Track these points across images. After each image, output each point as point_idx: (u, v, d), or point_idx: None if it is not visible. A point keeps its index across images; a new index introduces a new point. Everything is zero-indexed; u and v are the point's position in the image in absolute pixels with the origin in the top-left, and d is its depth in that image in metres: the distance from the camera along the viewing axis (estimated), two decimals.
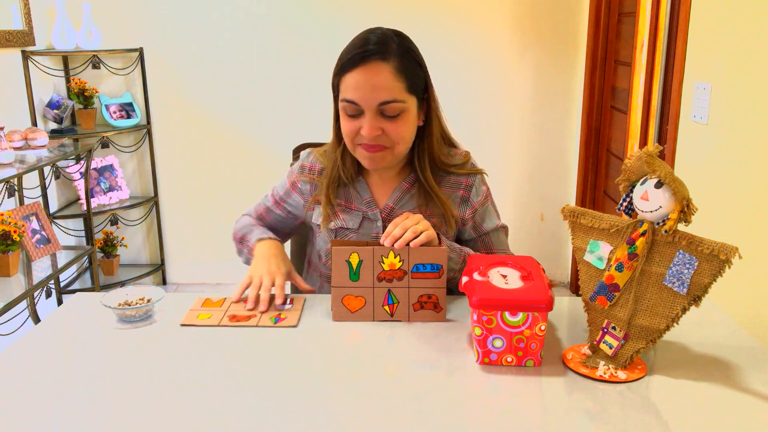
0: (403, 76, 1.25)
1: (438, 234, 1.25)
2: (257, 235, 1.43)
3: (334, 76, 1.30)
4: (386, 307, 1.21)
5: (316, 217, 1.40)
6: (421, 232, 1.18)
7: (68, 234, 3.24)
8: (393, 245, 1.18)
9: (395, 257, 1.20)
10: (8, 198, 2.56)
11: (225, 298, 1.31)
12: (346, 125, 1.29)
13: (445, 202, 1.35)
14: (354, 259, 1.21)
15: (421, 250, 1.19)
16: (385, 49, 1.24)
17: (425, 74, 1.32)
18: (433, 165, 1.37)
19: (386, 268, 1.20)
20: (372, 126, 1.25)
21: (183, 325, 1.21)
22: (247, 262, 1.45)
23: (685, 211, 0.97)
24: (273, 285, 1.29)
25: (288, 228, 1.53)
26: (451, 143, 1.44)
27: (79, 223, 3.33)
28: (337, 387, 1.00)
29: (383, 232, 1.27)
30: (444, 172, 1.39)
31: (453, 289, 1.39)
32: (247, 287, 1.30)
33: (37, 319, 2.75)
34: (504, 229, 1.46)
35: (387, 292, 1.21)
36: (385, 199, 1.39)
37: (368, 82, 1.23)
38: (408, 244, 1.18)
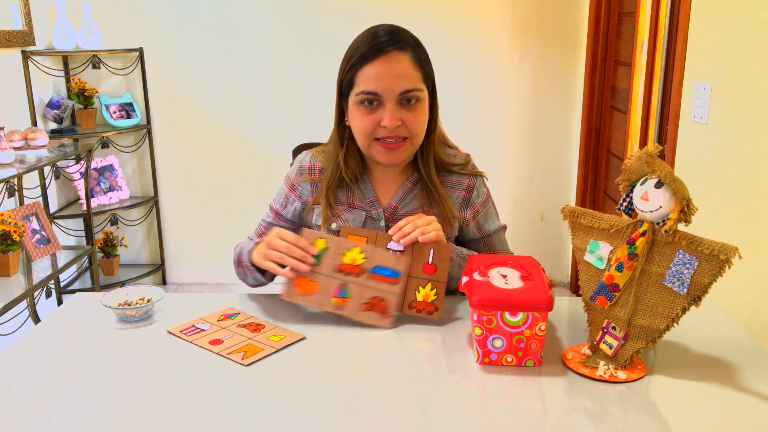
0: (420, 66, 1.28)
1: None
2: (250, 246, 1.35)
3: (347, 72, 1.29)
4: (334, 300, 1.20)
5: (316, 218, 1.39)
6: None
7: (68, 234, 3.24)
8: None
9: (360, 253, 1.21)
10: (8, 198, 2.56)
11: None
12: (362, 120, 1.28)
13: (446, 201, 1.36)
14: (319, 245, 1.22)
15: (385, 254, 1.21)
16: (400, 38, 1.27)
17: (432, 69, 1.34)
18: (435, 164, 1.37)
19: (346, 261, 1.21)
20: (393, 116, 1.25)
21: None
22: (255, 281, 1.38)
23: (685, 211, 0.97)
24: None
25: None
26: (447, 144, 1.44)
27: (79, 223, 3.33)
28: (336, 387, 1.00)
29: (386, 231, 1.27)
30: (446, 171, 1.39)
31: (454, 290, 1.40)
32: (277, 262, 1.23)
33: (37, 319, 2.75)
34: (503, 228, 1.47)
35: (341, 285, 1.20)
36: (388, 198, 1.38)
37: (390, 71, 1.25)
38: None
